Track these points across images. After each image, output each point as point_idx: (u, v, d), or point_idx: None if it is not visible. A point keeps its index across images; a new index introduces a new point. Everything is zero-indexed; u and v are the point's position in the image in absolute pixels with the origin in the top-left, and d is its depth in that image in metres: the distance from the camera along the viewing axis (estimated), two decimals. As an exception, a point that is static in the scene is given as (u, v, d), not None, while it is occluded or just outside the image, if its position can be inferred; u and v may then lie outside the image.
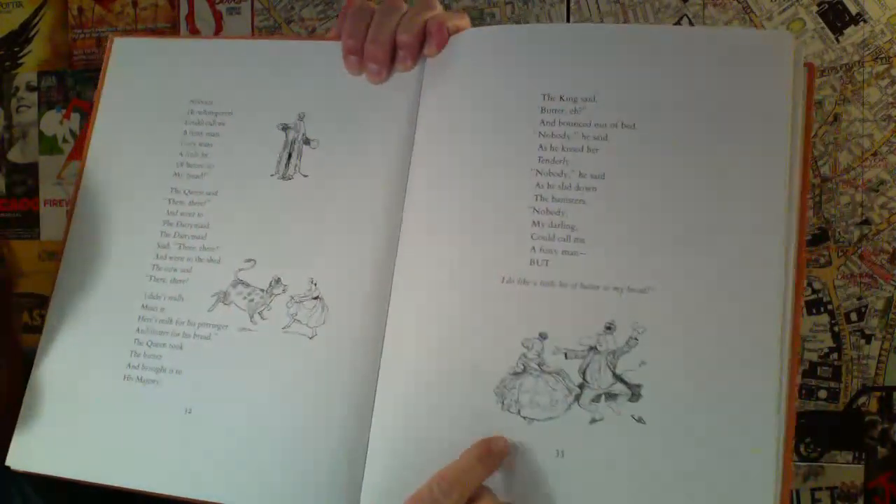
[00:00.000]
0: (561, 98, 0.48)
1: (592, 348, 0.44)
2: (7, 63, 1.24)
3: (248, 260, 0.51)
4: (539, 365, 0.45)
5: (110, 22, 1.21)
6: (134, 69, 0.57)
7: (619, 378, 0.44)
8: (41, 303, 1.23)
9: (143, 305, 0.51)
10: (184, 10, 1.19)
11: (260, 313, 0.50)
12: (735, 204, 0.44)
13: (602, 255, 0.45)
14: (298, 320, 0.49)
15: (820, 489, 1.04)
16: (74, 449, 0.50)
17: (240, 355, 0.49)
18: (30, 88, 1.23)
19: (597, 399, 0.44)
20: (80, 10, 1.22)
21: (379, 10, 0.52)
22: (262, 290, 0.50)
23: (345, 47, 0.52)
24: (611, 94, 0.47)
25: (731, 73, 0.46)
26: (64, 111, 1.22)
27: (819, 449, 1.04)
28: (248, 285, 0.51)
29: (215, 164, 0.53)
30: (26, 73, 1.23)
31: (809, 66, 0.46)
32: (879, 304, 1.02)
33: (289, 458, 0.47)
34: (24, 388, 0.52)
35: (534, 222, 0.46)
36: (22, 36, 1.23)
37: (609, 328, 0.44)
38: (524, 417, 0.44)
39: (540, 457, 0.44)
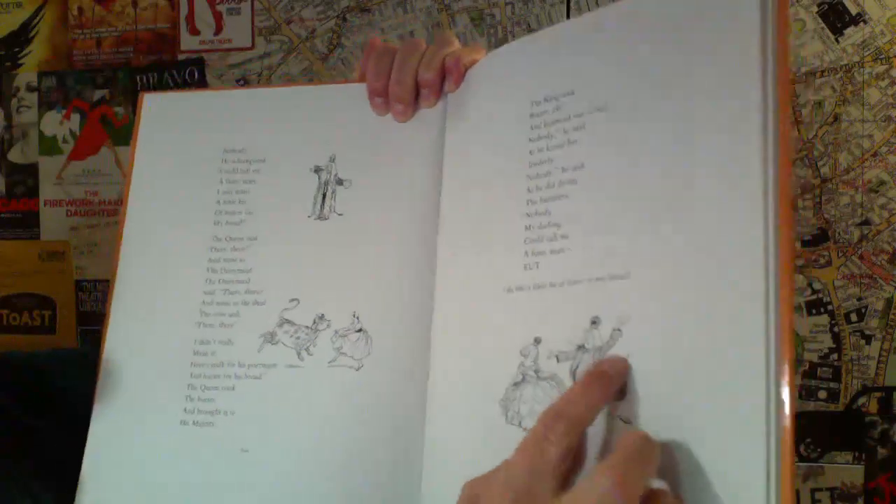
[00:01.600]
0: (545, 100, 0.48)
1: (581, 347, 0.43)
2: (7, 63, 1.24)
3: (293, 300, 0.53)
4: (535, 372, 0.44)
5: (110, 22, 1.21)
6: (166, 123, 0.59)
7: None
8: (41, 303, 1.23)
9: (194, 352, 0.53)
10: (184, 10, 1.19)
11: (307, 349, 0.51)
12: (706, 175, 0.39)
13: (585, 248, 0.44)
14: (344, 353, 0.51)
15: (820, 489, 1.03)
16: (139, 495, 0.51)
17: (290, 392, 0.51)
18: (30, 89, 1.23)
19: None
20: (80, 10, 1.21)
21: (400, 51, 0.54)
22: (308, 328, 0.52)
23: (370, 89, 0.54)
24: (587, 83, 0.46)
25: (693, 33, 0.41)
26: (64, 111, 1.22)
27: (819, 449, 1.04)
28: (293, 324, 0.52)
29: (253, 210, 0.55)
30: (26, 74, 1.23)
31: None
32: (879, 305, 1.02)
33: (344, 488, 0.48)
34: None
35: (526, 227, 0.46)
36: (22, 36, 1.23)
37: (594, 323, 0.42)
38: (524, 429, 0.43)
39: None
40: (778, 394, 0.35)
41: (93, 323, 1.22)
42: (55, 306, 1.23)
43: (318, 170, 0.55)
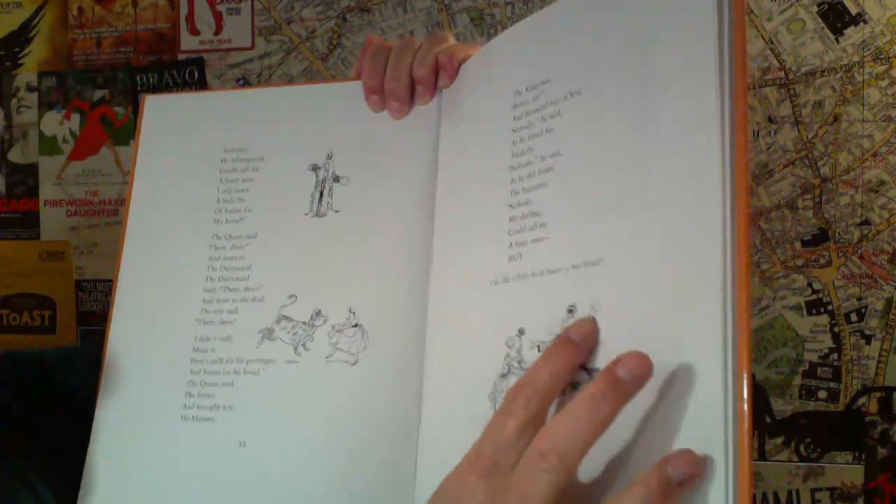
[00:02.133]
0: (526, 89, 0.48)
1: (559, 336, 0.41)
2: (7, 63, 1.24)
3: (290, 296, 0.53)
4: (519, 363, 0.43)
5: (110, 22, 1.21)
6: (166, 125, 0.60)
7: (581, 365, 0.40)
8: (41, 303, 1.23)
9: (194, 348, 0.54)
10: (184, 10, 1.19)
11: (304, 345, 0.52)
12: (667, 162, 0.39)
13: (562, 235, 0.43)
14: (340, 348, 0.51)
15: (820, 489, 1.04)
16: (141, 489, 0.52)
17: (287, 387, 0.51)
18: (30, 89, 1.23)
19: (563, 392, 0.39)
20: (80, 10, 1.22)
21: (395, 49, 0.55)
22: (305, 323, 0.52)
23: (366, 87, 0.55)
24: (563, 71, 0.46)
25: (654, 10, 0.41)
26: (64, 111, 1.22)
27: (819, 449, 1.04)
28: (290, 320, 0.53)
29: (253, 208, 0.56)
30: (26, 74, 1.23)
31: None
32: (879, 305, 1.02)
33: (341, 481, 0.48)
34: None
35: (510, 218, 0.46)
36: (22, 36, 1.23)
37: (570, 311, 0.42)
38: None
39: None
40: (735, 382, 0.35)
41: (93, 323, 1.22)
42: (55, 306, 1.23)
43: (315, 167, 0.56)
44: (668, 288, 0.38)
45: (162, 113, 0.60)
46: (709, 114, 0.38)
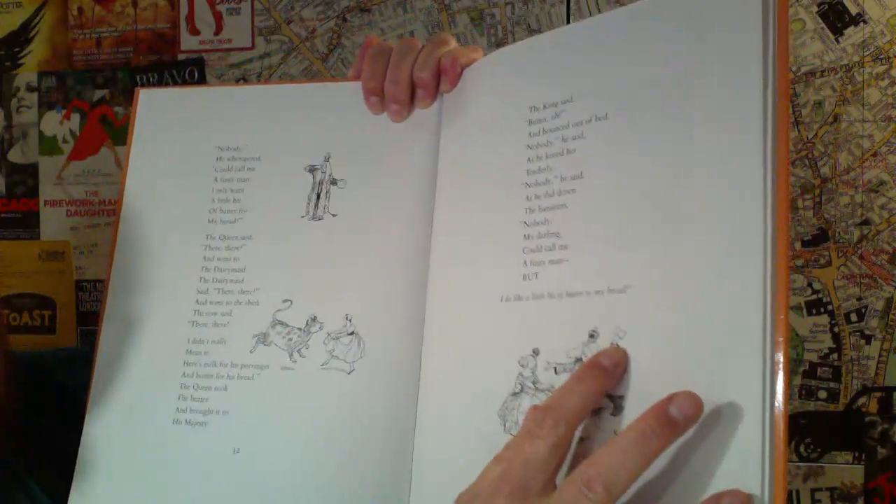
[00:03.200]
0: (544, 107, 0.47)
1: (579, 360, 0.42)
2: (7, 63, 1.24)
3: (286, 300, 0.52)
4: (534, 383, 0.43)
5: (110, 22, 1.21)
6: (161, 120, 0.58)
7: None
8: (41, 303, 1.23)
9: (187, 350, 0.53)
10: (184, 10, 1.19)
11: (299, 351, 0.51)
12: (705, 191, 0.39)
13: (583, 259, 0.43)
14: (336, 356, 0.50)
15: (820, 489, 1.03)
16: (131, 493, 0.51)
17: (282, 393, 0.50)
18: (30, 89, 1.23)
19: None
20: (80, 10, 1.21)
21: (396, 51, 0.53)
22: (300, 329, 0.51)
23: (365, 89, 0.53)
24: (586, 91, 0.45)
25: (694, 45, 0.41)
26: (64, 111, 1.22)
27: (819, 449, 1.04)
28: (286, 325, 0.52)
29: (248, 209, 0.55)
30: (26, 74, 1.23)
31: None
32: (879, 305, 1.02)
33: (334, 490, 0.48)
34: (13, 389, 0.53)
35: (525, 236, 0.45)
36: (22, 36, 1.23)
37: (592, 336, 0.41)
38: None
39: None
40: (773, 422, 0.35)
41: (93, 323, 1.22)
42: (55, 306, 1.23)
43: (312, 169, 0.54)
44: (702, 321, 0.38)
45: (156, 107, 0.58)
46: (751, 148, 0.38)
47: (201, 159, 0.56)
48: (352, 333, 0.50)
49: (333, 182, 0.54)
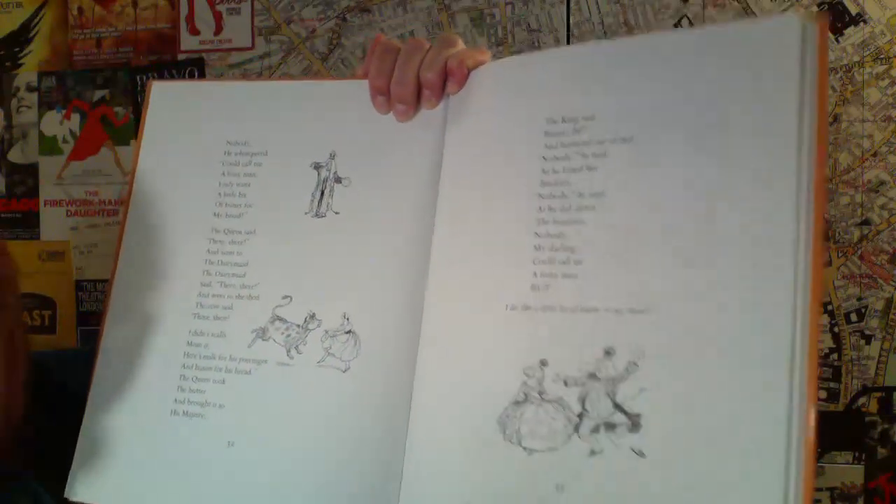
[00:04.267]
0: (563, 120, 0.47)
1: (592, 375, 0.42)
2: (7, 63, 1.24)
3: (285, 296, 0.52)
4: (539, 393, 0.43)
5: (110, 22, 1.21)
6: (172, 113, 0.59)
7: (618, 407, 0.41)
8: (41, 303, 1.23)
9: (188, 342, 0.53)
10: (184, 10, 1.19)
11: (296, 348, 0.51)
12: (737, 218, 0.40)
13: (601, 276, 0.43)
14: (332, 354, 0.50)
15: (820, 489, 1.04)
16: (128, 481, 0.52)
17: (278, 389, 0.51)
18: (30, 89, 1.23)
19: (596, 430, 0.41)
20: (80, 10, 1.22)
21: (403, 51, 0.53)
22: (299, 326, 0.52)
23: (372, 88, 0.53)
24: (609, 111, 0.45)
25: (730, 75, 0.42)
26: (64, 111, 1.22)
27: (819, 449, 1.04)
28: (285, 321, 0.52)
29: (253, 204, 0.55)
30: (26, 74, 1.23)
31: (821, 26, 0.40)
32: (879, 305, 1.02)
33: (325, 489, 0.48)
34: (27, 393, 0.53)
35: (535, 247, 0.45)
36: (22, 36, 1.23)
37: (608, 353, 0.42)
38: (524, 448, 0.43)
39: (540, 491, 0.42)
40: (799, 449, 0.36)
41: (93, 323, 1.22)
42: (55, 306, 1.23)
43: (317, 166, 0.55)
44: (725, 350, 0.39)
45: (168, 100, 0.59)
46: (784, 194, 0.39)
47: (210, 153, 0.57)
48: (349, 332, 0.51)
49: (338, 180, 0.54)
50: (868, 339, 1.03)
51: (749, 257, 0.39)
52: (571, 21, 1.09)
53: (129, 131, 1.20)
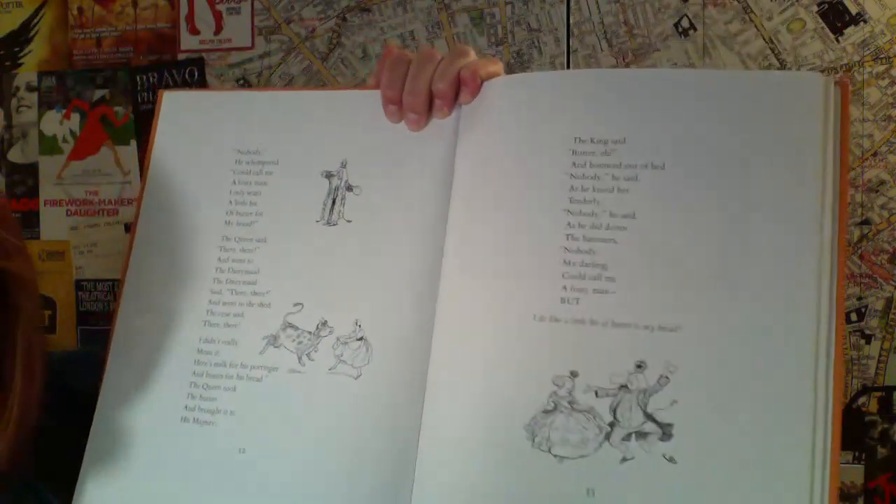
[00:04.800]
0: (592, 141, 0.48)
1: (623, 387, 0.44)
2: (7, 63, 1.24)
3: (297, 304, 0.53)
4: (570, 403, 0.45)
5: (110, 22, 1.21)
6: (183, 121, 0.59)
7: (649, 417, 0.43)
8: (41, 303, 1.23)
9: (198, 350, 0.53)
10: (184, 10, 1.19)
11: (308, 355, 0.51)
12: (765, 241, 0.44)
13: (633, 293, 0.45)
14: (344, 361, 0.51)
15: (820, 489, 1.03)
16: (137, 489, 0.52)
17: (289, 396, 0.51)
18: (30, 88, 1.23)
19: (627, 438, 0.43)
20: (80, 10, 1.22)
21: (415, 61, 0.54)
22: (310, 333, 0.52)
23: (384, 97, 0.54)
24: (641, 137, 0.48)
25: (760, 115, 0.46)
26: (64, 111, 1.22)
27: (819, 449, 1.04)
28: (296, 328, 0.52)
29: (264, 212, 0.55)
30: (26, 73, 1.23)
31: (843, 87, 0.45)
32: (879, 305, 1.02)
33: (336, 496, 0.48)
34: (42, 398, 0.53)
35: (565, 261, 0.47)
36: (22, 36, 1.23)
37: (640, 366, 0.44)
38: (555, 455, 0.44)
39: (570, 495, 0.43)
40: (825, 464, 0.40)
41: (93, 323, 1.22)
42: (55, 306, 1.23)
43: (329, 175, 0.55)
44: (752, 371, 0.42)
45: (179, 109, 0.59)
46: (808, 237, 0.43)
47: (221, 161, 0.57)
48: (361, 339, 0.51)
49: (349, 188, 0.54)
50: (868, 339, 1.03)
51: (774, 279, 0.43)
52: (571, 21, 1.09)
53: (129, 131, 1.20)
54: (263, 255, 0.54)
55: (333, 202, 0.54)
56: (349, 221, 0.54)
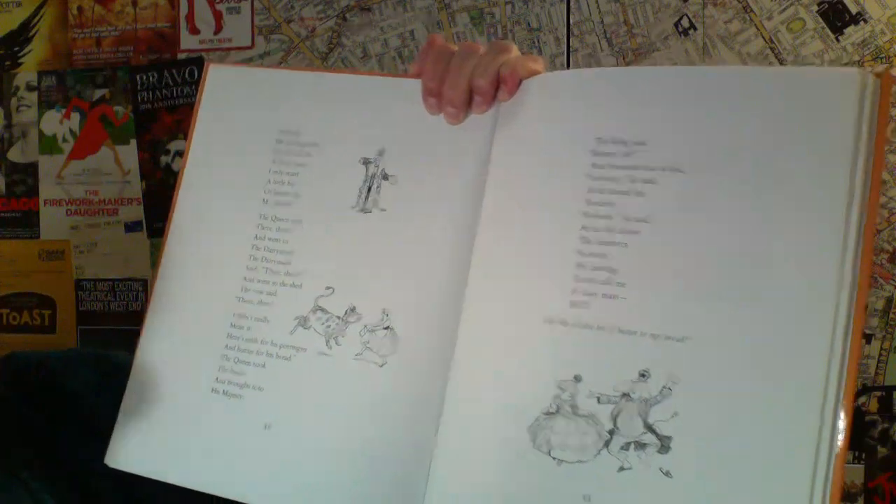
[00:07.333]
0: (614, 141, 0.47)
1: (626, 395, 0.44)
2: (7, 63, 1.24)
3: (328, 287, 0.54)
4: (572, 407, 0.44)
5: (110, 21, 1.21)
6: (227, 96, 0.60)
7: (649, 428, 0.43)
8: (41, 302, 1.23)
9: (231, 324, 0.55)
10: (184, 10, 1.19)
11: (335, 339, 0.52)
12: (785, 256, 0.42)
13: (641, 301, 0.44)
14: (370, 348, 0.51)
15: (820, 489, 1.03)
16: (165, 452, 0.53)
17: (315, 378, 0.52)
18: (30, 88, 1.23)
19: (626, 447, 0.43)
20: (80, 9, 1.22)
21: (457, 55, 0.54)
22: (339, 318, 0.53)
23: (425, 89, 0.54)
24: (662, 139, 0.46)
25: (787, 117, 0.43)
26: (64, 111, 1.22)
27: (819, 449, 1.04)
28: (326, 312, 0.53)
29: (301, 194, 0.56)
30: (26, 73, 1.23)
31: (884, 83, 0.41)
32: (879, 304, 1.02)
33: (354, 478, 0.49)
34: None
35: (578, 264, 0.46)
36: (22, 35, 1.23)
37: (643, 376, 0.43)
38: (554, 458, 0.44)
39: (567, 500, 0.43)
40: (826, 488, 0.39)
41: (93, 322, 1.22)
42: (55, 306, 1.23)
43: (366, 162, 0.55)
44: (760, 387, 0.41)
45: (224, 84, 0.60)
46: (831, 242, 0.41)
47: (262, 139, 0.57)
48: (387, 328, 0.51)
49: (385, 177, 0.55)
50: (868, 339, 1.03)
51: (791, 296, 0.41)
52: (571, 20, 1.09)
53: (129, 130, 1.20)
54: (298, 236, 0.55)
55: (369, 190, 0.55)
56: (383, 210, 0.54)
